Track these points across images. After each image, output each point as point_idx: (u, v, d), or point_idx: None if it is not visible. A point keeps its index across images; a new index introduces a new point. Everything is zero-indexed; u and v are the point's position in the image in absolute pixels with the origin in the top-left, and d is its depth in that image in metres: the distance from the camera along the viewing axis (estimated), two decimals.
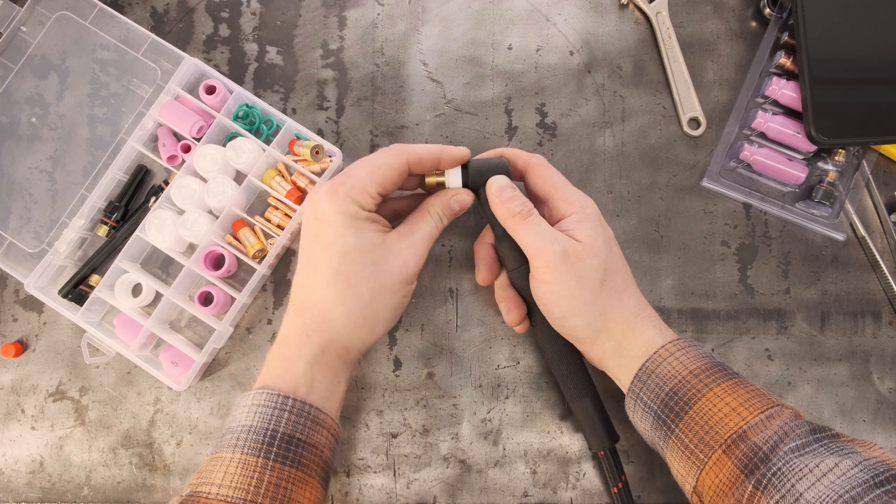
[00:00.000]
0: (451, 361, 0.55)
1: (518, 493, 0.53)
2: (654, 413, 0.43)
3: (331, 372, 0.44)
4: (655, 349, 0.44)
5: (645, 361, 0.43)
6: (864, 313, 0.55)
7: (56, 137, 0.56)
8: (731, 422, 0.40)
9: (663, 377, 0.42)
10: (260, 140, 0.54)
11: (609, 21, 0.57)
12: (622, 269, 0.46)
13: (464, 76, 0.57)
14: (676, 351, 0.43)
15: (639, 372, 0.44)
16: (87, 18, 0.55)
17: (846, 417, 0.54)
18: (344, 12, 0.58)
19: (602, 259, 0.44)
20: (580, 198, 0.47)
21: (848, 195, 0.55)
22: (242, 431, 0.41)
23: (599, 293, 0.44)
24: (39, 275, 0.53)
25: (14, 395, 0.55)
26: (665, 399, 0.42)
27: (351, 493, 0.54)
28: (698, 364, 0.42)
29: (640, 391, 0.44)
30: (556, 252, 0.43)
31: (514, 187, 0.46)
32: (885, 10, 0.52)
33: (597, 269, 0.44)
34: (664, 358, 0.43)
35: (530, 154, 0.49)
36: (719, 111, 0.56)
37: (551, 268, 0.44)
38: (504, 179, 0.47)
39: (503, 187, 0.46)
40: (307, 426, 0.42)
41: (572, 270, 0.43)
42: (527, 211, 0.45)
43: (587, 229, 0.45)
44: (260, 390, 0.42)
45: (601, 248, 0.44)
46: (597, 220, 0.46)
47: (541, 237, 0.44)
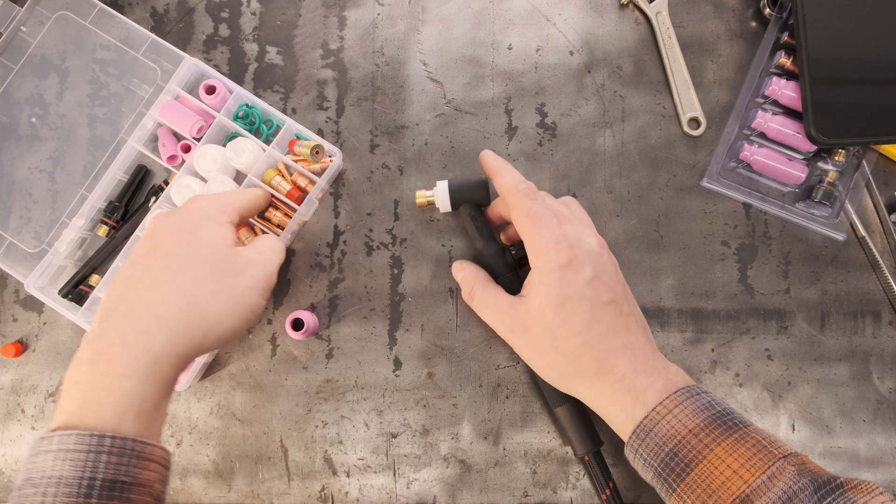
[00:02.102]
0: (451, 361, 0.55)
1: (518, 493, 0.53)
2: (655, 469, 0.42)
3: (162, 387, 0.38)
4: (650, 406, 0.42)
5: (641, 419, 0.42)
6: (864, 313, 0.55)
7: (56, 137, 0.56)
8: (733, 485, 0.38)
9: (662, 437, 0.41)
10: (260, 140, 0.54)
11: (609, 21, 0.57)
12: (580, 330, 0.43)
13: (464, 76, 0.57)
14: (674, 407, 0.41)
15: (636, 429, 0.42)
16: (87, 18, 0.55)
17: (846, 417, 0.54)
18: (344, 12, 0.58)
19: (549, 328, 0.43)
20: (547, 247, 0.44)
21: (848, 195, 0.55)
22: (50, 485, 0.34)
23: (555, 358, 0.44)
24: (39, 275, 0.53)
25: (14, 395, 0.55)
26: (665, 459, 0.41)
27: (351, 493, 0.54)
28: (697, 422, 0.41)
29: (638, 447, 0.42)
30: (502, 331, 0.46)
31: (462, 267, 0.50)
32: (885, 10, 0.52)
33: (544, 338, 0.44)
34: (662, 416, 0.41)
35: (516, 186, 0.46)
36: (719, 111, 0.56)
37: (507, 341, 0.47)
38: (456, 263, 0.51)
39: (456, 269, 0.50)
40: (132, 465, 0.36)
41: (523, 342, 0.45)
42: (468, 293, 0.48)
43: (540, 293, 0.44)
44: (66, 432, 0.35)
45: (550, 316, 0.43)
46: (557, 278, 0.43)
47: (486, 317, 0.47)
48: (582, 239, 0.45)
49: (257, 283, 0.43)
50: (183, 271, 0.40)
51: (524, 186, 0.46)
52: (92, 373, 0.37)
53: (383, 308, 0.55)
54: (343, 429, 0.54)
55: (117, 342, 0.38)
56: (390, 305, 0.55)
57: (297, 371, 0.55)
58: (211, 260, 0.41)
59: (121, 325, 0.38)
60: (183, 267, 0.40)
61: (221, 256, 0.42)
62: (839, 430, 0.54)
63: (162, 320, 0.38)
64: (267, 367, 0.55)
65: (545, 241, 0.44)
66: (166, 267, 0.40)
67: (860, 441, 0.54)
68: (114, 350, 0.37)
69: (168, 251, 0.40)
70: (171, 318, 0.39)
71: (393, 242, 0.56)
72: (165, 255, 0.40)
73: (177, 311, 0.39)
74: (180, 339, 0.39)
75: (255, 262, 0.44)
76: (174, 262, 0.40)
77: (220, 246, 0.42)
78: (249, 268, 0.43)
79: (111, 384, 0.36)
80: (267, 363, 0.55)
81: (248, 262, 0.43)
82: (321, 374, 0.55)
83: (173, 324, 0.39)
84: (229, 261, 0.42)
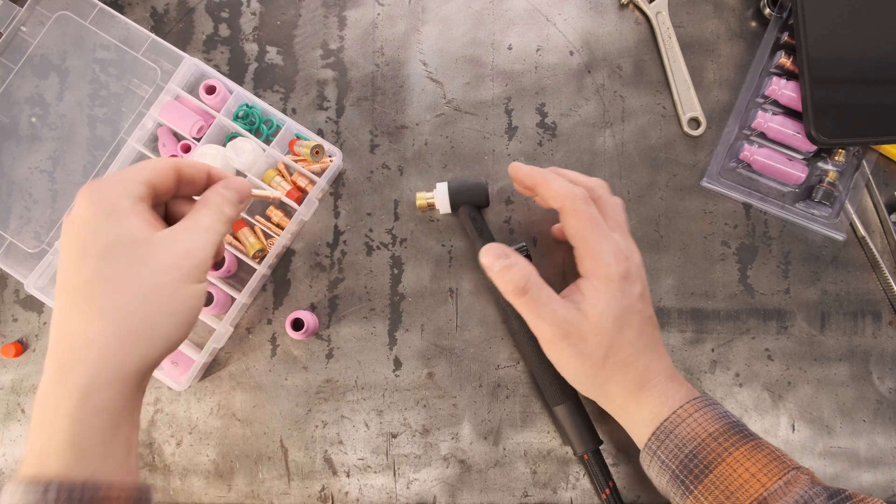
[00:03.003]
0: (451, 361, 0.55)
1: (518, 493, 0.53)
2: (672, 472, 0.43)
3: (106, 416, 0.34)
4: (672, 408, 0.43)
5: (662, 421, 0.43)
6: (864, 313, 0.55)
7: (56, 137, 0.56)
8: (751, 488, 0.40)
9: (682, 438, 0.42)
10: (260, 140, 0.54)
11: (609, 21, 0.57)
12: (632, 341, 0.44)
13: (464, 76, 0.57)
14: (695, 412, 0.43)
15: (656, 430, 0.43)
16: (87, 18, 0.55)
17: (846, 417, 0.54)
18: (344, 12, 0.58)
19: (607, 338, 0.43)
20: (608, 257, 0.43)
21: (848, 195, 0.55)
22: None
23: (601, 368, 0.44)
24: (39, 275, 0.53)
25: (14, 395, 0.55)
26: (684, 460, 0.42)
27: (351, 493, 0.54)
28: (717, 426, 0.42)
29: (657, 449, 0.43)
30: (554, 334, 0.43)
31: (507, 255, 0.43)
32: (885, 10, 0.52)
33: (599, 348, 0.43)
34: (682, 419, 0.43)
35: (571, 191, 0.44)
36: (719, 111, 0.56)
37: (549, 345, 0.44)
38: (494, 249, 0.44)
39: (495, 258, 0.43)
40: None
41: (572, 349, 0.43)
42: (520, 288, 0.42)
43: (600, 302, 0.43)
44: (15, 486, 0.32)
45: (608, 327, 0.43)
46: (617, 289, 0.43)
47: (538, 317, 0.43)
48: (632, 251, 0.45)
49: (187, 271, 0.36)
50: (96, 286, 0.34)
51: (580, 191, 0.44)
52: (36, 420, 0.34)
53: (383, 308, 0.55)
54: (343, 429, 0.54)
55: (46, 382, 0.34)
56: (390, 305, 0.55)
57: (297, 371, 0.55)
58: (123, 264, 0.35)
59: (49, 365, 0.35)
60: (95, 281, 0.34)
61: (135, 256, 0.35)
62: (839, 430, 0.54)
63: (86, 347, 0.34)
64: (267, 367, 0.55)
65: (606, 251, 0.43)
66: (80, 285, 0.35)
67: (860, 441, 0.54)
68: (45, 392, 0.34)
69: (75, 266, 0.35)
70: (95, 342, 0.34)
71: (393, 242, 0.56)
72: (74, 271, 0.35)
73: (100, 333, 0.34)
74: (114, 362, 0.34)
75: (177, 245, 0.36)
76: (83, 276, 0.35)
77: (129, 242, 0.35)
78: (174, 255, 0.36)
79: (47, 429, 0.33)
80: (267, 363, 0.55)
81: (170, 249, 0.36)
82: (321, 374, 0.55)
83: (99, 347, 0.34)
84: (147, 256, 0.35)
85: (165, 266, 0.35)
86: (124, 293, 0.34)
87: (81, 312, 0.34)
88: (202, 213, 0.38)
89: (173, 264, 0.35)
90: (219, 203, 0.39)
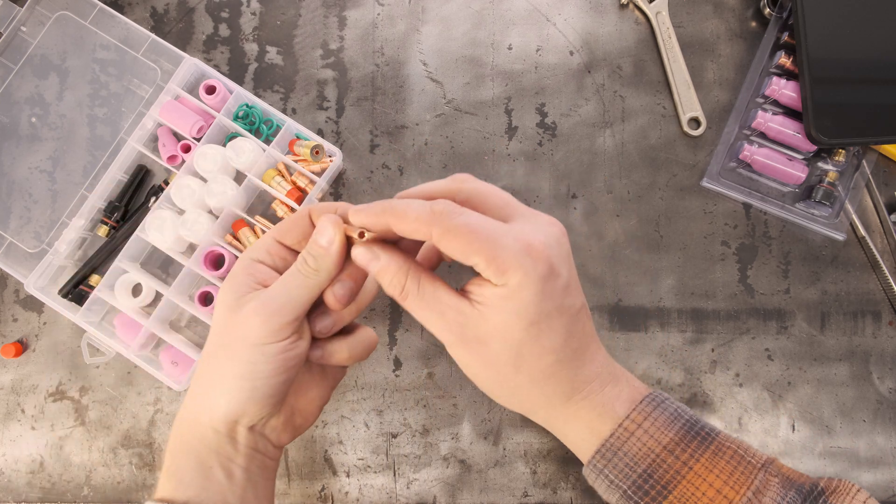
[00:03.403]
0: (451, 361, 0.54)
1: (518, 493, 0.53)
2: (623, 491, 0.37)
3: (194, 457, 0.37)
4: (616, 421, 0.37)
5: (607, 437, 0.37)
6: (864, 313, 0.55)
7: (56, 137, 0.56)
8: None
9: (633, 457, 0.37)
10: (260, 140, 0.54)
11: (609, 21, 0.57)
12: (555, 349, 0.36)
13: (464, 76, 0.57)
14: (643, 421, 0.37)
15: (601, 448, 0.37)
16: (87, 18, 0.55)
17: (846, 417, 0.54)
18: (344, 12, 0.58)
19: (513, 346, 0.35)
20: (515, 265, 0.33)
21: (848, 195, 0.55)
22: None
23: (513, 377, 0.36)
24: (39, 275, 0.53)
25: (14, 395, 0.55)
26: (637, 481, 0.36)
27: (351, 493, 0.54)
28: (671, 435, 0.37)
29: (603, 467, 0.37)
30: (450, 340, 0.36)
31: (377, 255, 0.35)
32: (885, 10, 0.52)
33: (505, 355, 0.35)
34: (631, 432, 0.37)
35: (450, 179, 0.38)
36: (719, 111, 0.56)
37: (450, 347, 0.36)
38: (362, 250, 0.36)
39: (366, 259, 0.35)
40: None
41: (473, 353, 0.36)
42: (401, 290, 0.35)
43: (506, 312, 0.34)
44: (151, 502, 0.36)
45: (516, 336, 0.34)
46: (532, 295, 0.34)
47: (429, 320, 0.35)
48: (546, 232, 0.35)
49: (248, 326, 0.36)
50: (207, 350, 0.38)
51: (442, 205, 0.34)
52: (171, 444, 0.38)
53: (383, 308, 0.55)
54: (343, 429, 0.54)
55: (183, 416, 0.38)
56: (390, 305, 0.55)
57: None
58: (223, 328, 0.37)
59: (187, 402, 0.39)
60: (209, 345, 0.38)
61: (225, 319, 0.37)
62: (839, 430, 0.54)
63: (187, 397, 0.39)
64: None
65: (510, 253, 0.33)
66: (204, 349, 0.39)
67: (860, 441, 0.54)
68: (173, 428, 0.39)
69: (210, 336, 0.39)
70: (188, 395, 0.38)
71: None
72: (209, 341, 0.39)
73: (191, 388, 0.38)
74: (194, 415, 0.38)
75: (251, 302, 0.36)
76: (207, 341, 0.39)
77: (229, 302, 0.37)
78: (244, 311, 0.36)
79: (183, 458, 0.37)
80: None
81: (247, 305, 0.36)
82: None
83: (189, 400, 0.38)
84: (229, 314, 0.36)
85: (233, 325, 0.36)
86: (206, 354, 0.38)
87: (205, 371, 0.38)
88: (287, 271, 0.37)
89: (240, 323, 0.36)
90: (303, 255, 0.37)
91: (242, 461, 0.38)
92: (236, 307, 0.36)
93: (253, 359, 0.35)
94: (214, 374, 0.37)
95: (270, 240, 0.38)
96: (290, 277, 0.36)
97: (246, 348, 0.35)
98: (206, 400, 0.37)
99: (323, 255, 0.36)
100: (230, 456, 0.37)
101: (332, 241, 0.36)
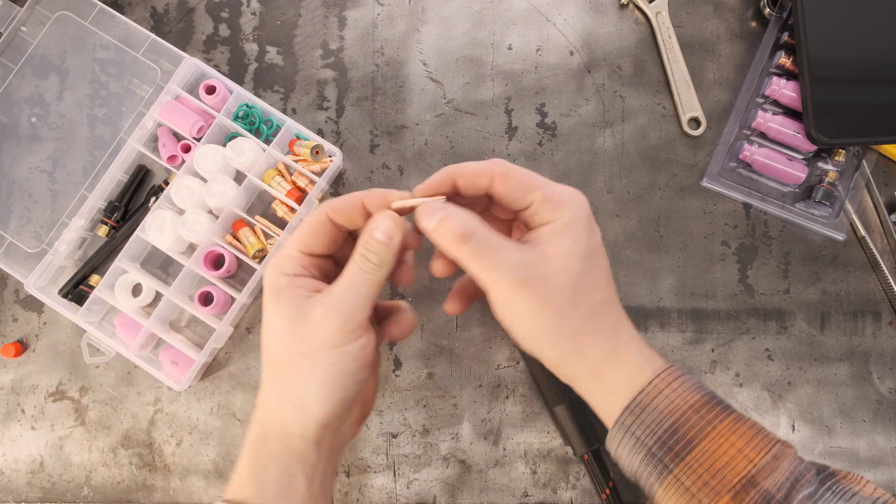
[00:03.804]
0: (451, 361, 0.55)
1: (518, 493, 0.53)
2: (648, 449, 0.38)
3: (278, 465, 0.38)
4: (647, 378, 0.39)
5: (637, 394, 0.38)
6: (864, 313, 0.55)
7: (56, 137, 0.56)
8: (738, 465, 0.36)
9: (660, 412, 0.38)
10: (260, 140, 0.54)
11: (609, 21, 0.57)
12: (603, 287, 0.39)
13: (464, 76, 0.57)
14: (672, 381, 0.38)
15: (630, 404, 0.39)
16: (87, 18, 0.55)
17: (846, 417, 0.54)
18: (344, 12, 0.58)
19: (573, 277, 0.37)
20: (566, 199, 0.38)
21: (848, 195, 0.55)
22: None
23: (572, 314, 0.38)
24: (39, 275, 0.53)
25: (14, 395, 0.55)
26: (663, 436, 0.38)
27: (351, 493, 0.54)
28: (697, 397, 0.38)
29: (631, 424, 0.39)
30: (513, 281, 0.37)
31: (443, 207, 0.38)
32: (885, 10, 0.52)
33: (567, 289, 0.37)
34: (660, 390, 0.38)
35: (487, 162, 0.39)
36: (719, 111, 0.56)
37: (504, 297, 0.37)
38: (428, 205, 0.38)
39: (431, 210, 0.38)
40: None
41: (535, 294, 0.37)
42: (461, 234, 0.37)
43: (566, 243, 0.37)
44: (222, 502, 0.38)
45: (575, 267, 0.37)
46: (583, 229, 0.38)
47: (488, 265, 0.37)
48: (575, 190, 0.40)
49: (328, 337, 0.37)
50: (266, 357, 0.39)
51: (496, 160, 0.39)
52: (253, 450, 0.39)
53: None
54: None
55: (253, 425, 0.39)
56: None
57: None
58: (279, 337, 0.38)
59: (255, 413, 0.40)
60: (266, 352, 0.39)
61: (287, 328, 0.38)
62: (839, 430, 0.54)
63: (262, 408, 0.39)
64: None
65: (560, 190, 0.38)
66: (263, 358, 0.40)
67: (860, 441, 0.54)
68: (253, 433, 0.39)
69: (265, 345, 0.40)
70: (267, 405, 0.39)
71: None
72: (266, 349, 0.40)
73: (269, 399, 0.39)
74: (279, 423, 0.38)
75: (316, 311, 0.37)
76: (263, 349, 0.39)
77: (283, 316, 0.38)
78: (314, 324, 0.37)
79: (238, 466, 0.39)
80: None
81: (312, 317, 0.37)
82: None
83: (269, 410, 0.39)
84: (292, 328, 0.38)
85: (308, 334, 0.37)
86: (280, 363, 0.38)
87: (263, 379, 0.39)
88: (348, 268, 0.38)
89: (314, 332, 0.37)
90: (362, 253, 0.38)
91: (323, 466, 0.39)
92: (301, 315, 0.37)
93: (338, 360, 0.37)
94: (300, 383, 0.37)
95: (296, 251, 0.39)
96: (355, 276, 0.38)
97: (329, 352, 0.37)
98: (297, 410, 0.38)
99: (384, 250, 0.38)
100: (314, 463, 0.39)
101: (393, 236, 0.38)
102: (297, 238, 0.39)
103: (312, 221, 0.39)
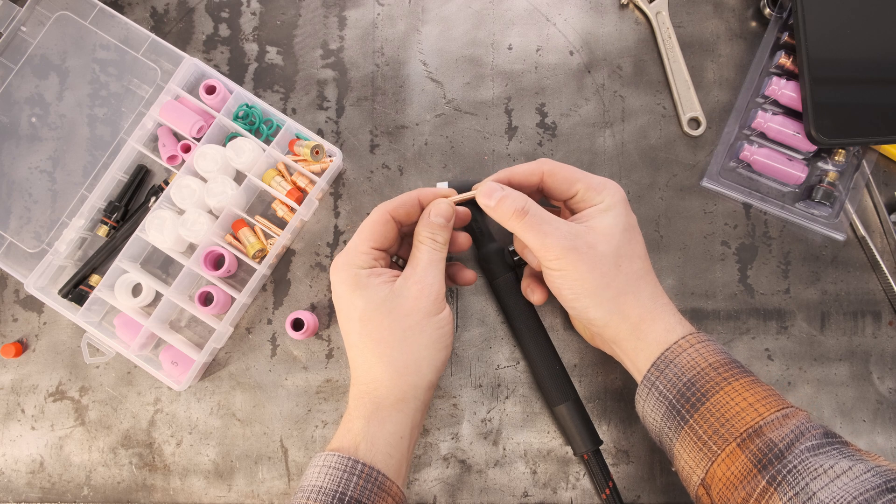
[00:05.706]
0: (451, 361, 0.54)
1: (518, 493, 0.53)
2: (669, 402, 0.43)
3: (391, 427, 0.44)
4: (675, 338, 0.43)
5: (664, 350, 0.43)
6: (864, 313, 0.55)
7: (56, 137, 0.56)
8: (747, 416, 0.40)
9: (682, 367, 0.42)
10: (260, 140, 0.54)
11: (609, 21, 0.57)
12: (641, 257, 0.45)
13: (464, 76, 0.57)
14: (697, 343, 0.43)
15: (657, 360, 0.43)
16: (87, 18, 0.55)
17: (846, 417, 0.54)
18: (344, 12, 0.58)
19: (615, 245, 0.44)
20: (606, 186, 0.46)
21: (848, 195, 0.55)
22: (313, 491, 0.42)
23: (615, 276, 0.44)
24: (39, 275, 0.53)
25: (14, 395, 0.55)
26: (682, 389, 0.42)
27: None
28: (717, 358, 0.42)
29: (656, 379, 0.43)
30: (564, 247, 0.43)
31: (502, 187, 0.45)
32: (885, 10, 0.52)
33: (610, 255, 0.43)
34: (684, 349, 0.43)
35: (535, 162, 0.47)
36: (719, 111, 0.56)
37: (560, 259, 0.43)
38: (488, 183, 0.46)
39: (491, 190, 0.45)
40: (374, 493, 0.42)
41: (583, 258, 0.43)
42: (522, 208, 0.44)
43: (608, 219, 0.44)
44: (331, 452, 0.43)
45: (617, 238, 0.44)
46: (622, 208, 0.45)
47: (543, 234, 0.43)
48: None
49: (426, 308, 0.44)
50: (366, 340, 0.45)
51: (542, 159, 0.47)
52: (344, 419, 0.46)
53: None
54: None
55: (351, 398, 0.46)
56: None
57: (297, 371, 0.55)
58: (378, 320, 0.44)
59: (352, 389, 0.46)
60: (364, 336, 0.45)
61: (385, 310, 0.44)
62: (839, 430, 0.54)
63: (374, 382, 0.45)
64: (267, 367, 0.55)
65: (600, 180, 0.46)
66: (356, 341, 0.46)
67: (860, 441, 0.54)
68: (350, 404, 0.46)
69: (347, 327, 0.46)
70: (379, 380, 0.45)
71: None
72: (347, 331, 0.46)
73: (381, 374, 0.45)
74: (394, 392, 0.45)
75: (411, 289, 0.45)
76: (355, 335, 0.45)
77: (376, 302, 0.44)
78: (412, 300, 0.44)
79: (349, 425, 0.45)
80: (267, 363, 0.55)
81: (407, 294, 0.44)
82: (321, 373, 0.55)
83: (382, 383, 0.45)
84: (392, 307, 0.44)
85: (409, 311, 0.44)
86: (388, 341, 0.44)
87: (365, 360, 0.45)
88: (420, 251, 0.46)
89: (414, 307, 0.44)
90: (429, 236, 0.46)
91: (421, 420, 0.47)
92: (395, 297, 0.44)
93: (438, 325, 0.45)
94: (412, 352, 0.44)
95: (367, 247, 0.46)
96: (430, 256, 0.46)
97: (430, 320, 0.45)
98: (413, 376, 0.45)
99: (444, 231, 0.46)
100: (417, 422, 0.46)
101: (450, 218, 0.46)
102: (365, 236, 0.46)
103: (377, 220, 0.46)
